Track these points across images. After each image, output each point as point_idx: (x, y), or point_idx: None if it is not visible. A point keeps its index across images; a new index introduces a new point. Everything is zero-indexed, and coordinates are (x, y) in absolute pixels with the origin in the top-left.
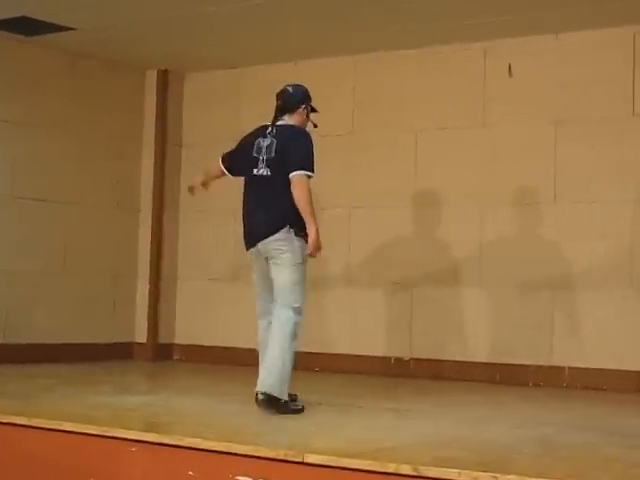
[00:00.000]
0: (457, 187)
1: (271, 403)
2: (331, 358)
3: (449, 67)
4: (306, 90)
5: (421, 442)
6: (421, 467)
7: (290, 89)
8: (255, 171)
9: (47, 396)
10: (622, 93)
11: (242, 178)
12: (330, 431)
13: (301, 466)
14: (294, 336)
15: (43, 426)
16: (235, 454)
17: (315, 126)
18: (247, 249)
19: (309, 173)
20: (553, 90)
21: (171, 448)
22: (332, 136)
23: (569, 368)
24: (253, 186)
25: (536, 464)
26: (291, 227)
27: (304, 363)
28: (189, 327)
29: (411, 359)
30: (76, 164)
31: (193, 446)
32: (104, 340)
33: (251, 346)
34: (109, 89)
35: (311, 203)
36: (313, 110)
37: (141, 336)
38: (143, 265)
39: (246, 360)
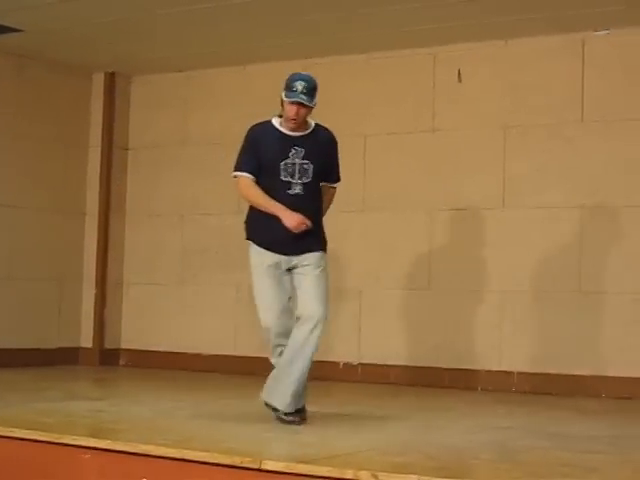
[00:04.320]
0: (405, 192)
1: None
2: None
3: (398, 72)
4: (287, 78)
5: (377, 448)
6: (380, 473)
7: None
8: None
9: None
10: (571, 99)
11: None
12: (286, 437)
13: (258, 473)
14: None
15: None
16: (190, 460)
17: (291, 118)
18: None
19: (239, 173)
20: (502, 96)
21: (125, 455)
22: None
23: (518, 373)
24: None
25: (494, 469)
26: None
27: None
28: (135, 332)
29: (359, 364)
30: (22, 167)
31: (147, 453)
32: (50, 345)
33: (198, 351)
34: (56, 92)
35: (254, 196)
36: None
37: (87, 341)
38: (89, 269)
39: (192, 365)
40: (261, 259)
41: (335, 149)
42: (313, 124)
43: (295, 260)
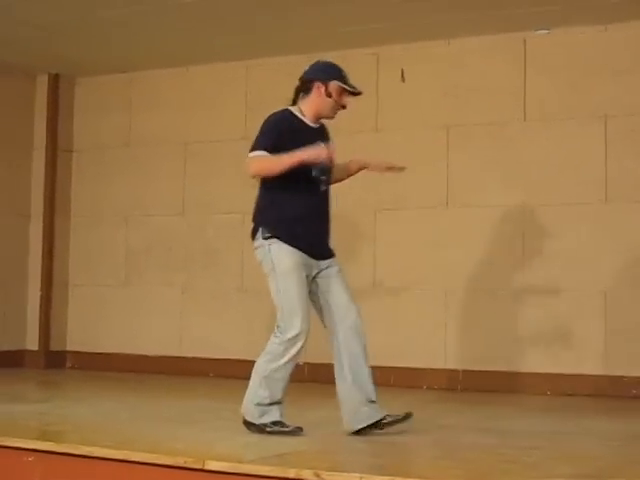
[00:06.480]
0: (350, 192)
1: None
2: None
3: None
4: (327, 65)
5: (319, 446)
6: (322, 472)
7: (307, 66)
8: None
9: None
10: (513, 99)
11: None
12: (228, 437)
13: (201, 473)
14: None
15: None
16: (134, 462)
17: (343, 107)
18: None
19: (254, 153)
20: (445, 95)
21: (68, 457)
22: (225, 141)
23: (463, 371)
24: None
25: (436, 466)
26: (260, 227)
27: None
28: (81, 334)
29: (305, 364)
30: None
31: (90, 454)
32: None
33: (143, 352)
34: None
35: (265, 162)
36: (350, 92)
37: (32, 344)
38: (34, 271)
39: (139, 367)
40: (294, 259)
41: None
42: None
43: (322, 265)
